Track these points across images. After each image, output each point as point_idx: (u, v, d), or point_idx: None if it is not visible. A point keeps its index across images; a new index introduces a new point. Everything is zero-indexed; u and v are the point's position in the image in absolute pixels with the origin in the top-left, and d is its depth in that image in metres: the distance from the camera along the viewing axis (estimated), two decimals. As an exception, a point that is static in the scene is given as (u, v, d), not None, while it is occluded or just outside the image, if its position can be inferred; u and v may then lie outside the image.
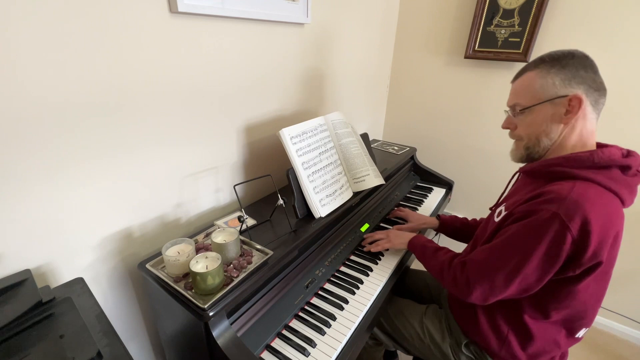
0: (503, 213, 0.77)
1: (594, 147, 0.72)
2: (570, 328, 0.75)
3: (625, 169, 0.67)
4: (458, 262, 0.79)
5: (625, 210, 0.70)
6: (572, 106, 0.68)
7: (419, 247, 0.95)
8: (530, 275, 0.66)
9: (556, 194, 0.64)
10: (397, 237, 1.03)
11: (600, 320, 1.65)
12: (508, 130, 0.81)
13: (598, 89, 0.68)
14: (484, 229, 0.87)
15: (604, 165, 0.66)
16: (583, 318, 0.74)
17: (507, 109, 0.79)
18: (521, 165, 0.82)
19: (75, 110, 0.64)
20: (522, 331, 0.77)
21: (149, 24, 0.71)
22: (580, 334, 0.77)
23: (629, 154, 0.71)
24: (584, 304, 0.71)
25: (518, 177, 0.88)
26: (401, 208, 1.29)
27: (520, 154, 0.79)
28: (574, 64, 0.68)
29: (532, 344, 0.77)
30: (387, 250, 1.10)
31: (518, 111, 0.75)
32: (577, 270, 0.64)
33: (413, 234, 1.01)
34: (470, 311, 0.84)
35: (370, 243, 1.06)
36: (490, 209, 0.90)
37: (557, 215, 0.61)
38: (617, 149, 0.70)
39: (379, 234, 1.07)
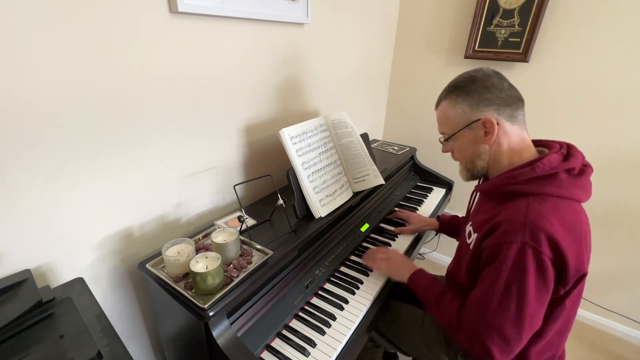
0: (473, 235, 0.77)
1: (531, 151, 0.74)
2: (563, 336, 0.75)
3: (570, 171, 0.67)
4: (469, 323, 0.70)
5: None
6: (488, 128, 0.71)
7: (421, 290, 0.86)
8: (535, 312, 0.64)
9: (514, 221, 0.64)
10: (396, 269, 0.94)
11: (600, 320, 1.66)
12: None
13: (509, 104, 0.70)
14: (460, 249, 0.88)
15: (548, 175, 0.66)
16: (569, 322, 0.74)
17: (440, 136, 0.83)
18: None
19: (75, 110, 0.64)
20: (518, 356, 0.74)
21: (149, 24, 0.71)
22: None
23: (569, 153, 0.71)
24: (573, 309, 0.72)
25: (476, 194, 0.90)
26: (402, 210, 1.28)
27: (466, 174, 0.83)
28: (476, 89, 0.71)
29: (529, 355, 0.75)
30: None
31: (447, 139, 0.80)
32: (567, 286, 0.64)
33: (413, 268, 0.91)
34: None
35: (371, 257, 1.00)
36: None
37: (526, 244, 0.61)
38: (556, 153, 0.69)
39: (380, 255, 0.98)
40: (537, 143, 0.77)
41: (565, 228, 0.62)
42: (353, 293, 0.91)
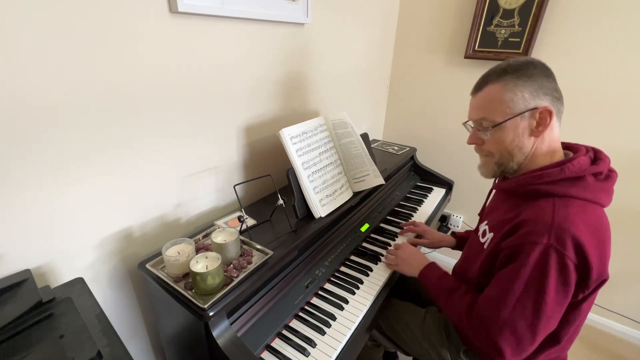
0: (488, 234, 0.75)
1: (561, 153, 0.72)
2: (570, 340, 0.75)
3: (597, 175, 0.66)
4: (478, 318, 0.70)
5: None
6: (542, 118, 0.66)
7: (432, 284, 0.86)
8: (552, 314, 0.63)
9: (540, 223, 0.62)
10: (407, 264, 0.94)
11: (600, 320, 1.66)
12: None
13: (559, 98, 0.68)
14: (470, 247, 0.86)
15: (576, 177, 0.65)
16: (581, 325, 0.73)
17: (469, 122, 0.76)
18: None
19: (75, 110, 0.64)
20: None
21: (149, 24, 0.71)
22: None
23: (596, 157, 0.70)
24: (585, 315, 0.71)
25: (494, 193, 0.86)
26: (416, 222, 1.19)
27: (493, 171, 0.77)
28: (537, 74, 0.66)
29: (535, 355, 0.74)
30: (388, 249, 1.10)
31: (489, 127, 0.71)
32: (586, 291, 0.63)
33: (424, 261, 0.92)
34: None
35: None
36: (479, 214, 0.87)
37: (550, 246, 0.60)
38: (585, 156, 0.68)
39: (391, 252, 1.01)
40: (563, 145, 0.74)
41: (591, 232, 0.60)
42: (353, 293, 0.91)
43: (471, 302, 0.74)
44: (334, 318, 0.83)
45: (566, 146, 0.75)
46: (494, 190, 0.86)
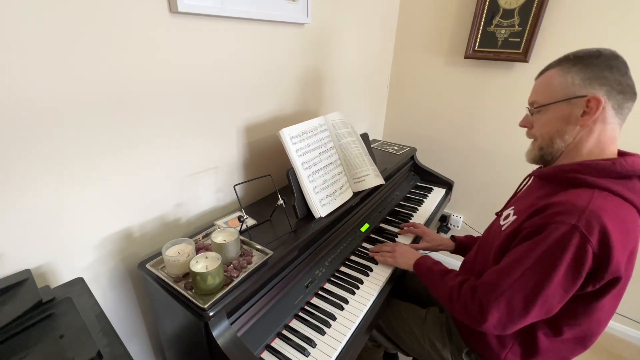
0: (511, 217, 0.73)
1: (614, 155, 0.67)
2: (583, 345, 0.73)
3: None
4: (468, 288, 0.72)
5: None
6: (590, 108, 0.64)
7: (425, 270, 0.89)
8: (553, 296, 0.61)
9: (572, 204, 0.60)
10: (403, 257, 0.97)
11: (600, 320, 1.65)
12: (525, 130, 0.77)
13: (623, 91, 0.63)
14: (487, 234, 0.84)
15: (625, 175, 0.62)
16: (595, 335, 0.71)
17: (528, 106, 0.76)
18: (534, 167, 0.78)
19: (75, 110, 0.64)
20: (529, 345, 0.74)
21: (149, 24, 0.71)
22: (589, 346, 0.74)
23: None
24: (599, 321, 0.69)
25: (529, 180, 0.84)
26: (416, 224, 1.19)
27: (534, 155, 0.76)
28: (598, 63, 0.63)
29: (536, 357, 0.74)
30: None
31: (534, 109, 0.72)
32: (596, 285, 0.61)
33: (419, 254, 0.95)
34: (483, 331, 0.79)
35: (377, 251, 1.05)
36: (497, 214, 0.86)
37: (576, 228, 0.57)
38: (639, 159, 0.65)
39: (386, 247, 1.03)
40: (619, 153, 0.70)
41: (621, 229, 0.59)
42: (353, 293, 0.91)
43: (463, 280, 0.76)
44: (334, 318, 0.83)
45: (621, 154, 0.70)
46: (530, 179, 0.84)
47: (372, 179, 1.14)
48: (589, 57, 0.65)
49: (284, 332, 0.79)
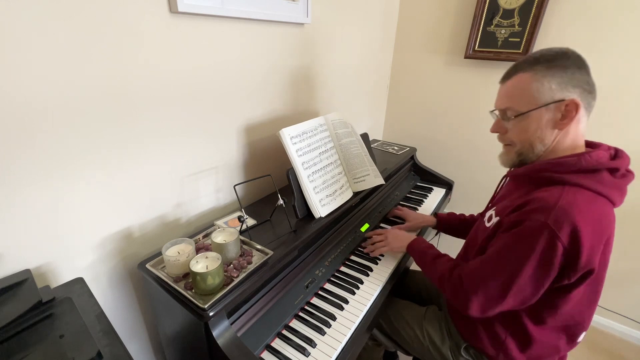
0: (494, 219, 0.76)
1: (583, 148, 0.71)
2: (572, 334, 0.75)
3: (613, 171, 0.66)
4: (457, 275, 0.77)
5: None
6: (569, 111, 0.65)
7: (418, 252, 0.93)
8: (525, 286, 0.65)
9: (544, 202, 0.63)
10: (396, 240, 1.01)
11: (600, 320, 1.66)
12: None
13: (591, 91, 0.66)
14: (475, 233, 0.87)
15: (592, 169, 0.65)
16: (580, 323, 0.74)
17: (495, 111, 0.76)
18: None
19: (75, 109, 0.64)
20: (521, 336, 0.77)
21: (149, 24, 0.71)
22: (580, 338, 0.76)
23: (616, 154, 0.70)
24: (579, 310, 0.71)
25: (506, 180, 0.88)
26: (399, 207, 1.28)
27: (512, 160, 0.77)
28: (569, 65, 0.65)
29: (531, 348, 0.76)
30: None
31: (512, 116, 0.71)
32: (572, 278, 0.63)
33: (412, 237, 0.99)
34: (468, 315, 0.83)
35: (371, 244, 1.06)
36: (480, 214, 0.90)
37: (546, 225, 0.60)
38: (605, 151, 0.68)
39: (377, 237, 1.06)
40: (586, 143, 0.74)
41: (592, 223, 0.61)
42: (353, 293, 0.91)
43: (454, 265, 0.81)
44: (334, 318, 0.83)
45: (589, 144, 0.74)
46: (506, 179, 0.87)
47: (372, 179, 1.14)
48: (559, 59, 0.65)
49: (284, 332, 0.79)
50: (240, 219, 0.91)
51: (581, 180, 0.64)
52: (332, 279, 0.96)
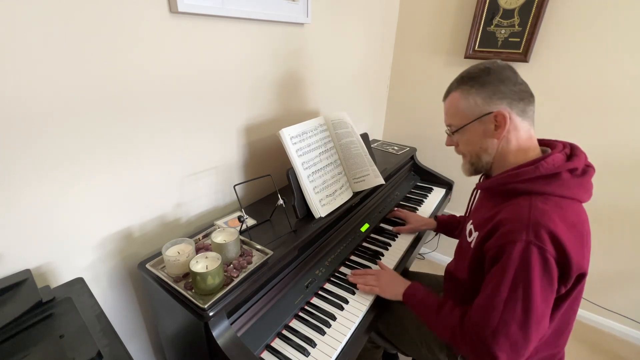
0: (474, 233, 0.76)
1: (537, 150, 0.73)
2: (562, 335, 0.75)
3: (573, 171, 0.67)
4: (471, 329, 0.68)
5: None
6: (499, 122, 0.69)
7: (417, 302, 0.83)
8: (542, 313, 0.62)
9: (517, 220, 0.63)
10: (389, 286, 0.90)
11: (600, 320, 1.66)
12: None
13: (522, 98, 0.69)
14: (460, 248, 0.87)
15: (551, 174, 0.66)
16: (569, 324, 0.74)
17: (447, 128, 0.81)
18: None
19: (75, 109, 0.64)
20: None
21: (149, 24, 0.71)
22: (568, 336, 0.77)
23: (572, 153, 0.71)
24: (568, 309, 0.71)
25: (477, 192, 0.89)
26: (400, 209, 1.28)
27: (468, 169, 0.81)
28: (491, 80, 0.69)
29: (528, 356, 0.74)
30: (387, 250, 1.10)
31: (453, 132, 0.78)
32: (568, 284, 0.63)
33: (406, 283, 0.88)
34: None
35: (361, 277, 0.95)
36: (461, 228, 0.90)
37: (530, 242, 0.60)
38: (560, 152, 0.69)
39: (369, 276, 0.94)
40: (540, 142, 0.76)
41: (568, 227, 0.61)
42: (353, 293, 0.91)
43: (462, 314, 0.73)
44: (334, 318, 0.83)
45: (544, 143, 0.77)
46: (477, 191, 0.88)
47: (372, 179, 1.14)
48: (481, 76, 0.70)
49: (284, 332, 0.79)
50: (240, 219, 0.91)
51: (544, 188, 0.65)
52: (332, 279, 0.96)
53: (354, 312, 0.85)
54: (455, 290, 0.86)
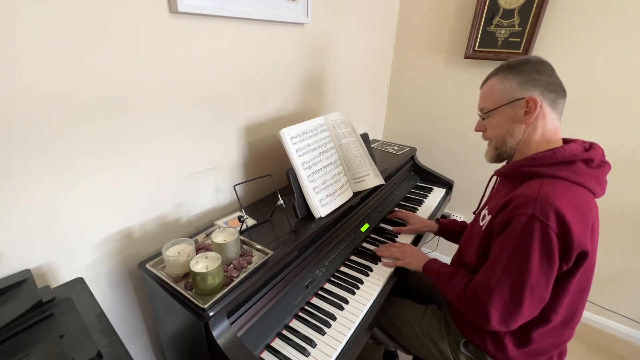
0: (487, 217, 0.79)
1: (560, 144, 0.75)
2: (568, 329, 0.77)
3: (588, 161, 0.71)
4: (471, 290, 0.77)
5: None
6: (530, 107, 0.73)
7: (433, 273, 0.92)
8: (538, 283, 0.66)
9: (526, 196, 0.67)
10: (413, 258, 0.99)
11: (600, 320, 1.66)
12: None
13: (554, 90, 0.73)
14: (470, 234, 0.89)
15: (568, 161, 0.70)
16: (576, 316, 0.76)
17: (479, 112, 0.85)
18: (496, 167, 0.86)
19: (75, 109, 0.64)
20: (520, 335, 0.78)
21: (149, 24, 0.71)
22: (575, 330, 0.78)
23: (590, 147, 0.75)
24: (572, 301, 0.73)
25: (496, 180, 0.92)
26: (401, 210, 1.29)
27: (492, 154, 0.84)
28: (527, 69, 0.73)
29: (530, 346, 0.77)
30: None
31: (484, 114, 0.82)
32: (570, 262, 0.66)
33: (428, 257, 0.98)
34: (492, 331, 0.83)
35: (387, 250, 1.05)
36: (474, 212, 0.94)
37: (534, 217, 0.64)
38: (579, 145, 0.74)
39: (394, 248, 1.04)
40: (563, 140, 0.79)
41: (574, 207, 0.64)
42: (353, 293, 0.91)
43: (468, 281, 0.80)
44: (334, 318, 0.83)
45: (565, 141, 0.79)
46: (494, 179, 0.93)
47: (372, 179, 1.14)
48: (519, 64, 0.75)
49: (284, 332, 0.79)
50: (240, 219, 0.91)
51: (557, 172, 0.69)
52: (332, 279, 0.96)
53: (354, 312, 0.85)
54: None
